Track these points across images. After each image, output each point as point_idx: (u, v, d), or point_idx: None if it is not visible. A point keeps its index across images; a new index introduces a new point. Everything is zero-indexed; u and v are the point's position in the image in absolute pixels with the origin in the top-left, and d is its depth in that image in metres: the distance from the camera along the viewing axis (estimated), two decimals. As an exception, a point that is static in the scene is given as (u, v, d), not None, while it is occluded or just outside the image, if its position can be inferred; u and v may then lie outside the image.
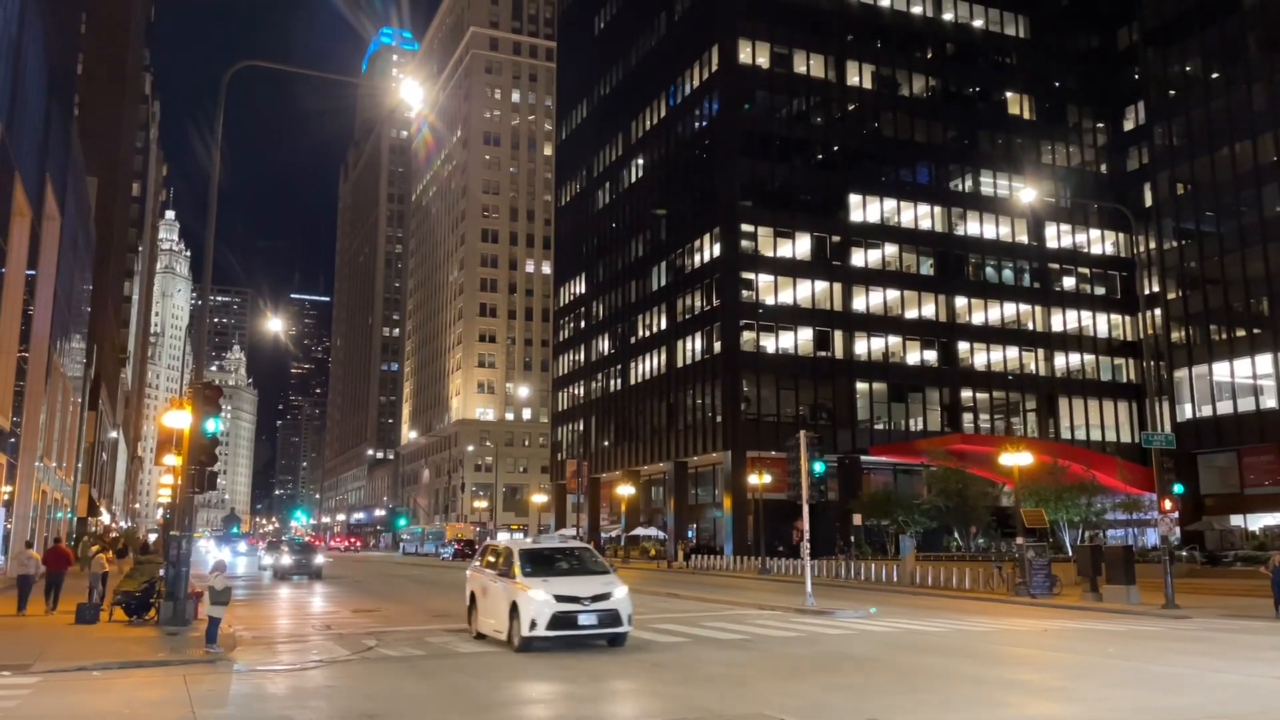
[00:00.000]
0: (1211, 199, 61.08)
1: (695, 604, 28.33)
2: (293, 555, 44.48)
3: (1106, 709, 11.49)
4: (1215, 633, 20.74)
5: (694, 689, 12.70)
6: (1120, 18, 75.33)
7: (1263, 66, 57.63)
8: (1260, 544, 47.12)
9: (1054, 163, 74.04)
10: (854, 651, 17.08)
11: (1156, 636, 19.95)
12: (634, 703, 11.84)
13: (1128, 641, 19.07)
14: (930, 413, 66.64)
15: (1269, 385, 55.66)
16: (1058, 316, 71.73)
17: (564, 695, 12.60)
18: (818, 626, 21.48)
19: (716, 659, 15.88)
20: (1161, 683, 13.63)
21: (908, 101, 70.15)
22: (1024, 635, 20.61)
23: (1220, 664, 15.46)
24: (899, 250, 67.87)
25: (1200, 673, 14.60)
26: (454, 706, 12.27)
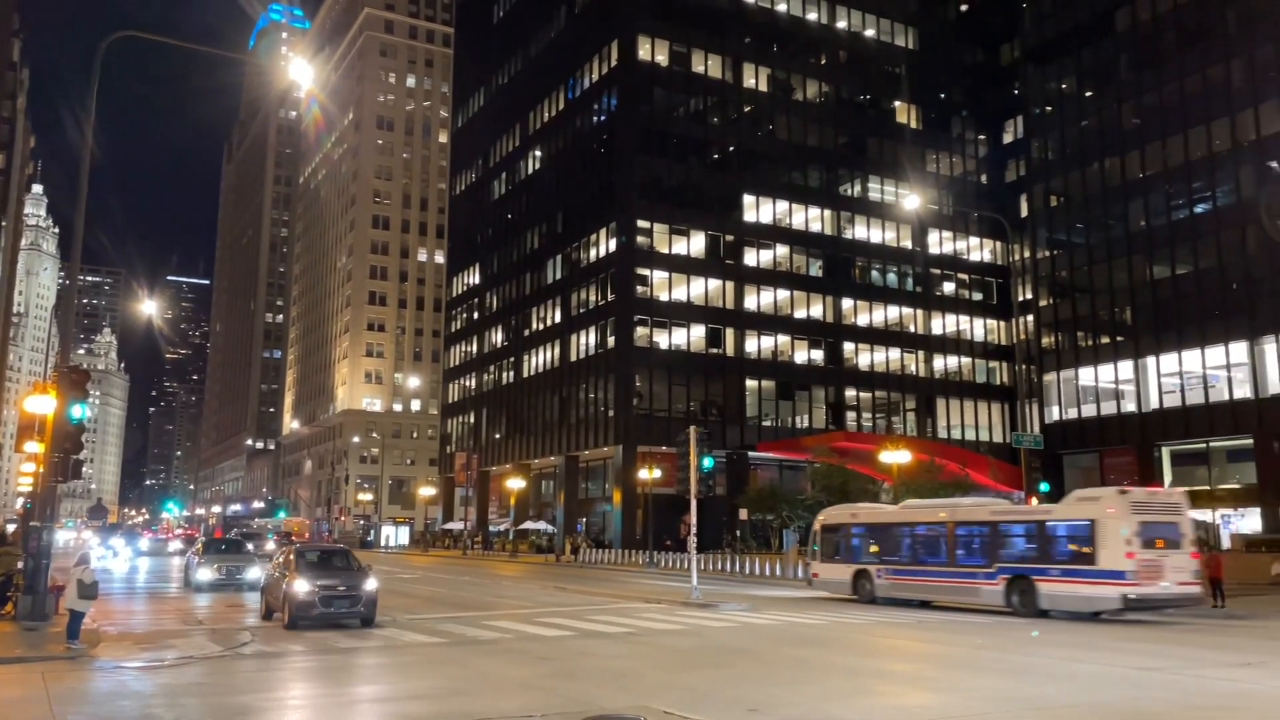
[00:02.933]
0: (1082, 211, 64.24)
1: (582, 598, 28.38)
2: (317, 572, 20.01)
3: (972, 698, 12.00)
4: (1074, 624, 21.86)
5: (578, 682, 12.73)
6: (1004, 34, 78.43)
7: (1132, 87, 60.85)
8: (1118, 540, 49.76)
9: (938, 171, 76.66)
10: (737, 644, 17.39)
11: (1021, 626, 20.91)
12: (519, 697, 11.79)
13: (996, 633, 19.95)
14: (816, 410, 68.25)
15: (1129, 390, 58.89)
16: (938, 320, 74.36)
17: (448, 690, 12.47)
18: (703, 620, 21.78)
19: (601, 652, 15.95)
20: (1025, 672, 14.31)
21: (801, 106, 71.59)
22: (899, 627, 21.33)
23: (1081, 654, 16.31)
24: (790, 251, 69.24)
25: (1062, 663, 15.38)
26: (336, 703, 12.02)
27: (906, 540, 26.83)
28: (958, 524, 25.66)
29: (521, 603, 26.34)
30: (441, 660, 15.36)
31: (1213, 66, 55.87)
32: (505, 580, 37.95)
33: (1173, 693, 12.36)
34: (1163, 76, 58.64)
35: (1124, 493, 23.22)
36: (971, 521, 25.55)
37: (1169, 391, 56.88)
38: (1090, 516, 22.49)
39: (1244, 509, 52.83)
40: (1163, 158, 58.28)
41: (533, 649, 16.41)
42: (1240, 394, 52.97)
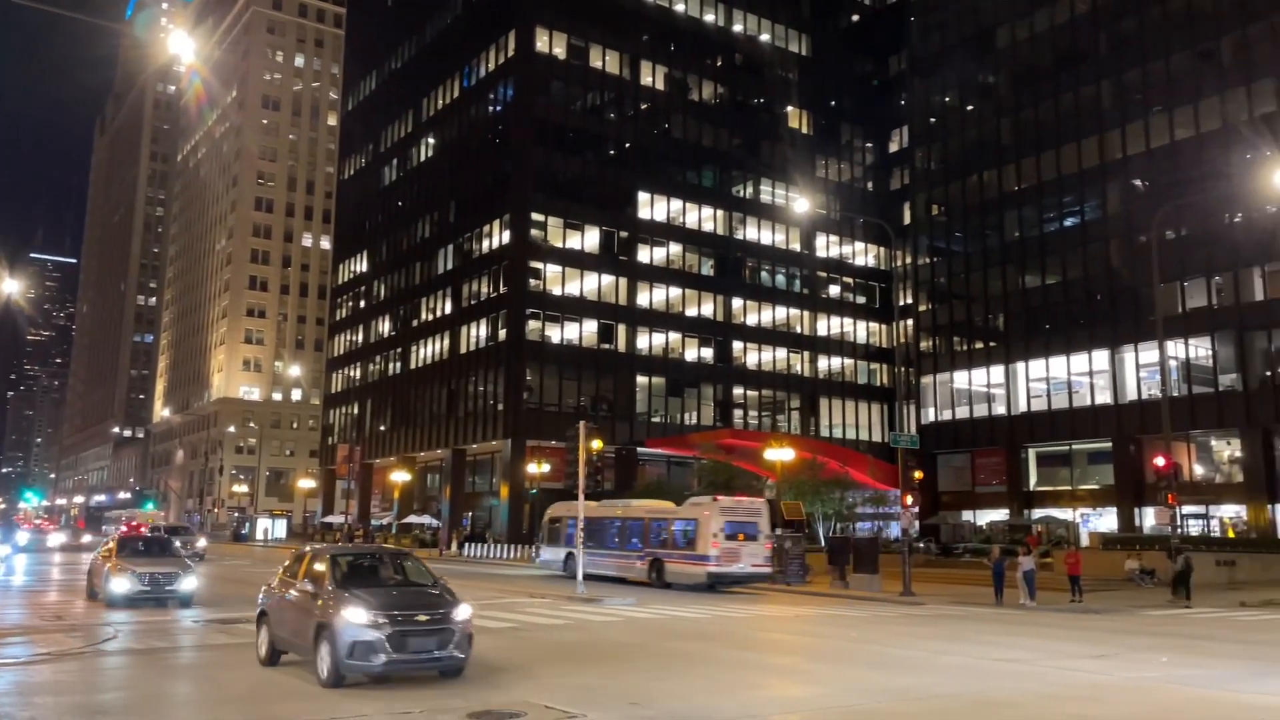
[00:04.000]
0: (961, 221, 66.86)
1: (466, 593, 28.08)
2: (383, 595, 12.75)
3: (846, 689, 12.39)
4: (945, 618, 22.79)
5: (462, 678, 12.60)
6: (892, 46, 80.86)
7: (1010, 103, 63.62)
8: (986, 538, 52.09)
9: (827, 177, 78.57)
10: (621, 638, 17.51)
11: (894, 621, 21.68)
12: (399, 694, 11.60)
13: (869, 626, 20.62)
14: (705, 408, 69.13)
15: (999, 394, 61.63)
16: (823, 322, 76.24)
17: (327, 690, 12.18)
18: (588, 614, 21.85)
19: (485, 647, 15.84)
20: (896, 664, 14.84)
21: (697, 106, 72.34)
22: (779, 621, 21.84)
23: (948, 646, 17.01)
24: (683, 250, 69.91)
25: (930, 655, 16.01)
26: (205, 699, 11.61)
27: (597, 530, 34.07)
28: (626, 519, 34.16)
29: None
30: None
31: (1085, 87, 58.87)
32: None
33: (1033, 683, 13.02)
34: (1038, 94, 61.47)
35: (716, 500, 31.32)
36: (632, 518, 33.95)
37: (1036, 396, 59.73)
38: (695, 517, 30.43)
39: (1102, 508, 55.91)
40: (1036, 172, 61.14)
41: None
42: (1101, 399, 56.00)
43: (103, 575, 22.27)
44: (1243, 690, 12.59)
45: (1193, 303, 51.99)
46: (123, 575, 21.54)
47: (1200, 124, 52.53)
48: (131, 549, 23.74)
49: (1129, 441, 53.63)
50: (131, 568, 21.78)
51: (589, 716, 10.23)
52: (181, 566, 22.42)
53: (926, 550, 49.94)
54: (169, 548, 24.93)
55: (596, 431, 28.75)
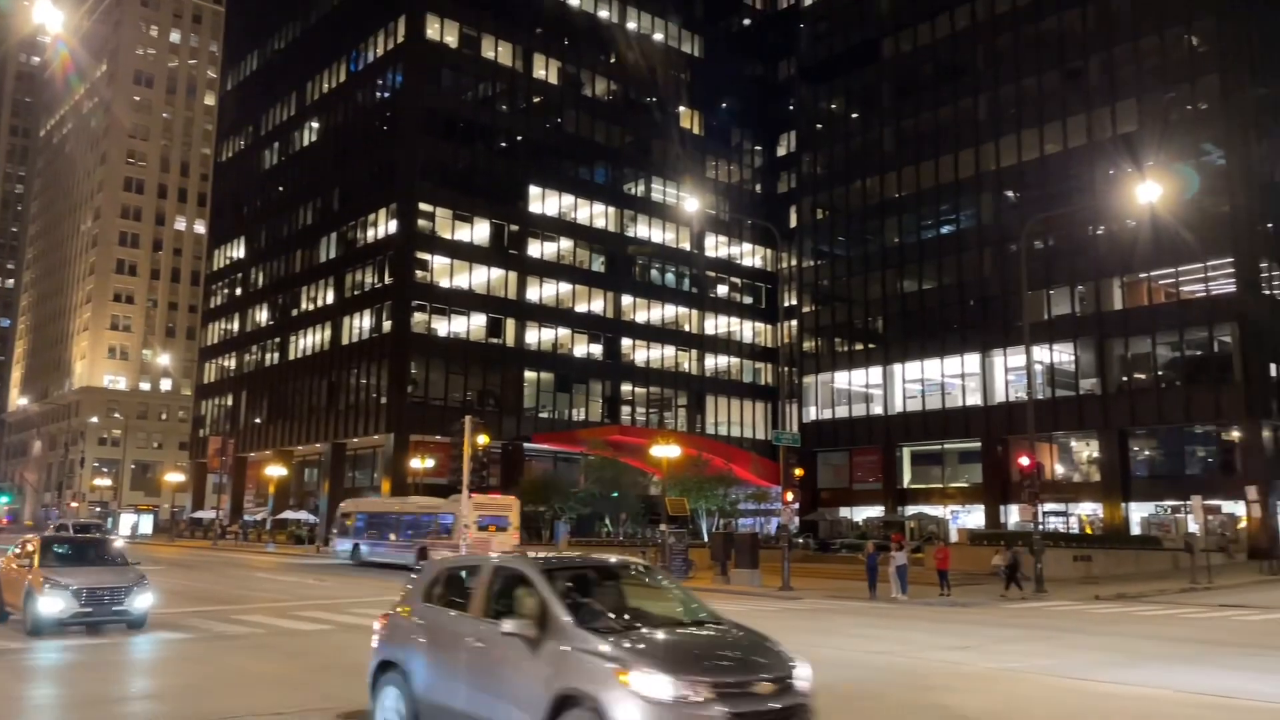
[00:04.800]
0: (844, 225, 68.71)
1: (344, 590, 27.41)
2: None
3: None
4: (821, 612, 23.38)
5: (337, 678, 12.29)
6: (782, 52, 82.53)
7: (893, 113, 65.67)
8: (862, 533, 53.72)
9: (716, 178, 79.62)
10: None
11: (773, 615, 22.12)
12: (272, 694, 11.23)
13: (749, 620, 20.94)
14: (593, 404, 69.21)
15: (877, 394, 63.60)
16: (711, 321, 77.27)
17: (193, 689, 11.69)
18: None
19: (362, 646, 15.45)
20: (773, 657, 15.11)
21: (590, 102, 72.29)
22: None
23: (822, 639, 17.44)
24: (574, 245, 69.79)
25: (806, 647, 16.32)
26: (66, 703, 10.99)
27: (378, 523, 40.21)
28: (403, 514, 40.02)
29: (278, 596, 25.09)
30: (186, 657, 14.41)
31: (963, 100, 61.21)
32: (260, 573, 36.03)
33: (900, 674, 13.47)
34: (920, 105, 63.64)
35: (472, 496, 34.34)
36: (407, 512, 39.91)
37: (912, 397, 61.86)
38: (454, 511, 35.65)
39: (971, 506, 58.31)
40: (916, 181, 63.30)
41: (288, 644, 15.68)
42: (972, 401, 58.38)
43: (22, 591, 16.36)
44: (1094, 679, 13.29)
45: (1058, 310, 54.66)
46: (54, 592, 15.78)
47: (1068, 140, 55.25)
48: (58, 554, 17.74)
49: (996, 442, 56.06)
50: (62, 579, 16.07)
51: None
52: (130, 577, 16.91)
53: (805, 546, 51.13)
54: (106, 551, 18.76)
55: (483, 427, 28.46)
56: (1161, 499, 50.97)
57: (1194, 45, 52.00)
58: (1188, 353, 50.99)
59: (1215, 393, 48.57)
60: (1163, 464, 52.58)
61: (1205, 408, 49.20)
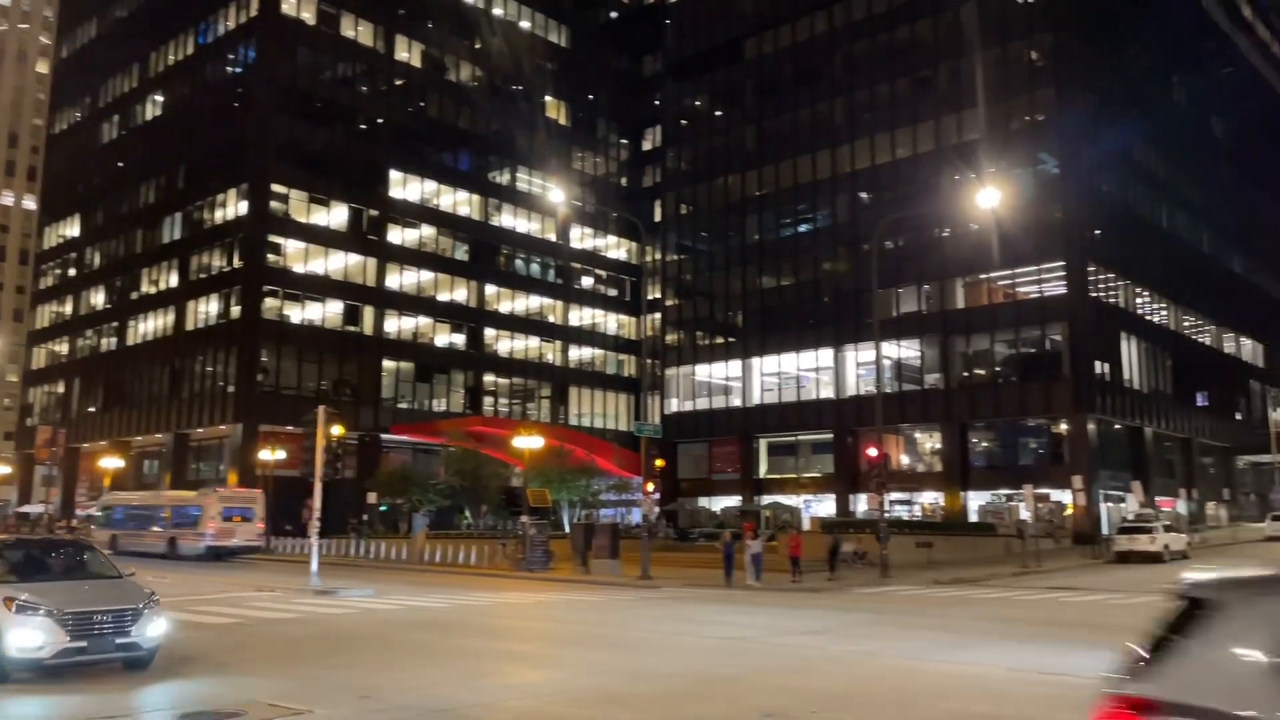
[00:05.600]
0: (707, 221, 69.86)
1: (185, 587, 26.17)
2: None
3: (582, 671, 12.64)
4: (679, 600, 23.76)
5: (173, 681, 11.72)
6: (648, 46, 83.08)
7: (755, 112, 67.12)
8: (720, 522, 54.79)
9: (582, 170, 79.59)
10: (354, 630, 16.95)
11: (632, 604, 22.36)
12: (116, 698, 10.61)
13: (608, 610, 21.13)
14: (454, 394, 68.16)
15: (736, 387, 65.02)
16: (575, 313, 77.27)
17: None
18: (320, 607, 20.98)
19: (204, 645, 14.83)
20: (632, 645, 15.31)
21: (454, 87, 71.01)
22: (520, 608, 21.94)
23: (680, 627, 17.74)
24: (436, 233, 68.47)
25: (664, 635, 16.64)
26: None
27: (136, 516, 43.13)
28: (157, 506, 42.71)
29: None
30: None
31: (820, 102, 63.10)
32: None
33: (753, 659, 13.84)
34: (780, 106, 65.29)
35: (217, 490, 40.32)
36: (161, 505, 42.75)
37: (769, 390, 63.51)
38: (201, 504, 39.34)
39: (823, 494, 60.34)
40: (776, 180, 64.92)
41: (122, 645, 14.83)
42: (825, 394, 60.40)
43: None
44: (932, 659, 13.99)
45: (906, 308, 57.10)
46: (27, 618, 11.10)
47: (918, 145, 57.72)
48: (17, 563, 12.74)
49: (847, 433, 58.21)
50: (39, 602, 11.26)
51: (315, 712, 9.81)
52: (134, 594, 12.15)
53: (665, 535, 51.85)
54: (81, 559, 13.61)
55: (338, 417, 27.60)
56: (997, 488, 53.97)
57: (1033, 59, 55.14)
58: (1022, 350, 54.15)
59: (1047, 388, 51.75)
60: (999, 455, 55.71)
61: (1037, 402, 52.37)
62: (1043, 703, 10.53)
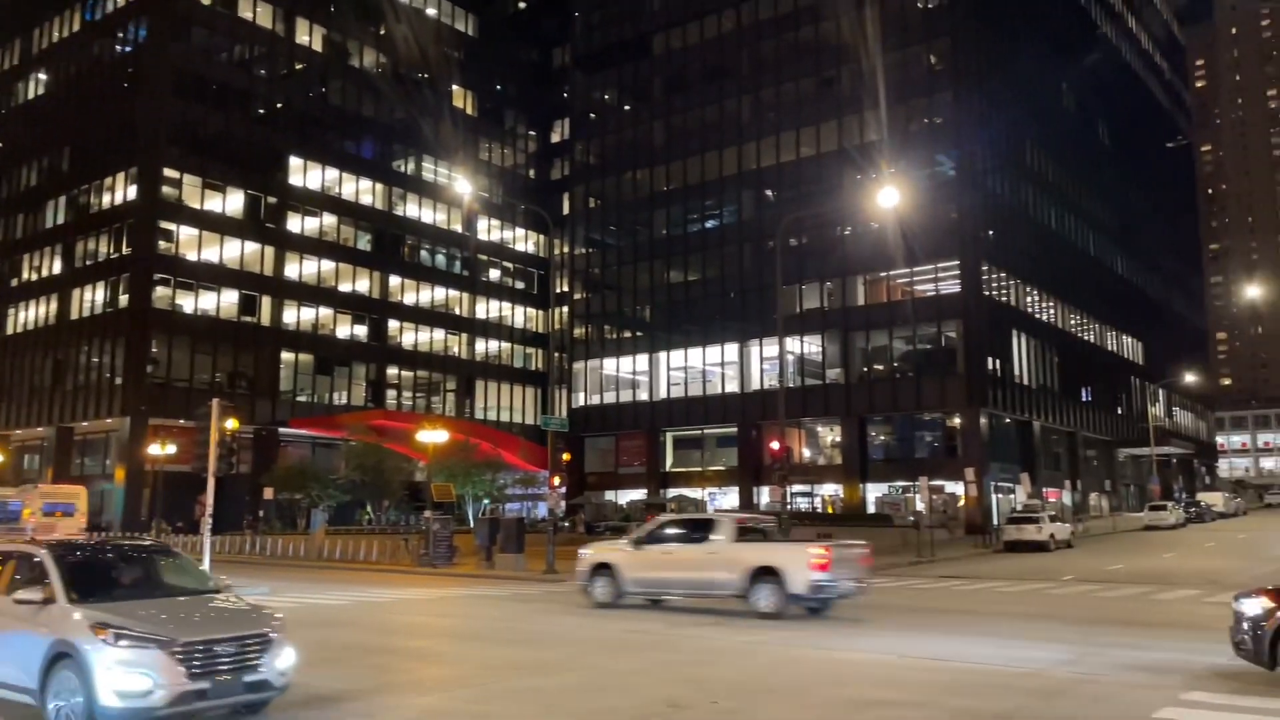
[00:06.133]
0: (615, 215, 69.95)
1: (69, 588, 25.05)
2: None
3: (483, 667, 12.55)
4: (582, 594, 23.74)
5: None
6: (557, 38, 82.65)
7: (663, 107, 67.42)
8: (626, 515, 55.11)
9: (490, 160, 78.79)
10: (250, 630, 16.47)
11: (535, 599, 22.29)
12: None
13: (511, 605, 21.03)
14: (356, 387, 66.77)
15: (644, 381, 65.33)
16: (482, 305, 76.49)
17: None
18: (213, 606, 20.31)
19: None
20: (534, 640, 15.27)
21: (358, 73, 69.44)
22: (422, 604, 21.66)
23: (581, 620, 17.76)
24: (338, 221, 66.91)
25: (568, 629, 16.63)
26: None
27: None
28: None
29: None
30: None
31: (728, 100, 63.76)
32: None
33: (660, 651, 13.94)
34: (689, 102, 65.76)
35: (36, 486, 39.88)
36: None
37: (676, 384, 64.01)
38: (22, 499, 39.26)
39: (727, 487, 61.12)
40: (684, 175, 65.37)
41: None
42: (730, 388, 61.16)
43: (41, 656, 8.63)
44: (834, 647, 14.32)
45: (809, 304, 58.21)
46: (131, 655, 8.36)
47: (821, 145, 58.83)
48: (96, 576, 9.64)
49: (752, 427, 59.06)
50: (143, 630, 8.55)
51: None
52: (253, 617, 9.64)
53: (571, 529, 51.87)
54: (163, 565, 10.49)
55: (233, 410, 26.72)
56: (894, 480, 55.50)
57: (932, 63, 56.74)
58: (919, 347, 55.76)
59: (942, 383, 53.42)
60: (896, 448, 57.30)
61: (933, 397, 54.02)
62: (934, 688, 10.88)
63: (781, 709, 9.97)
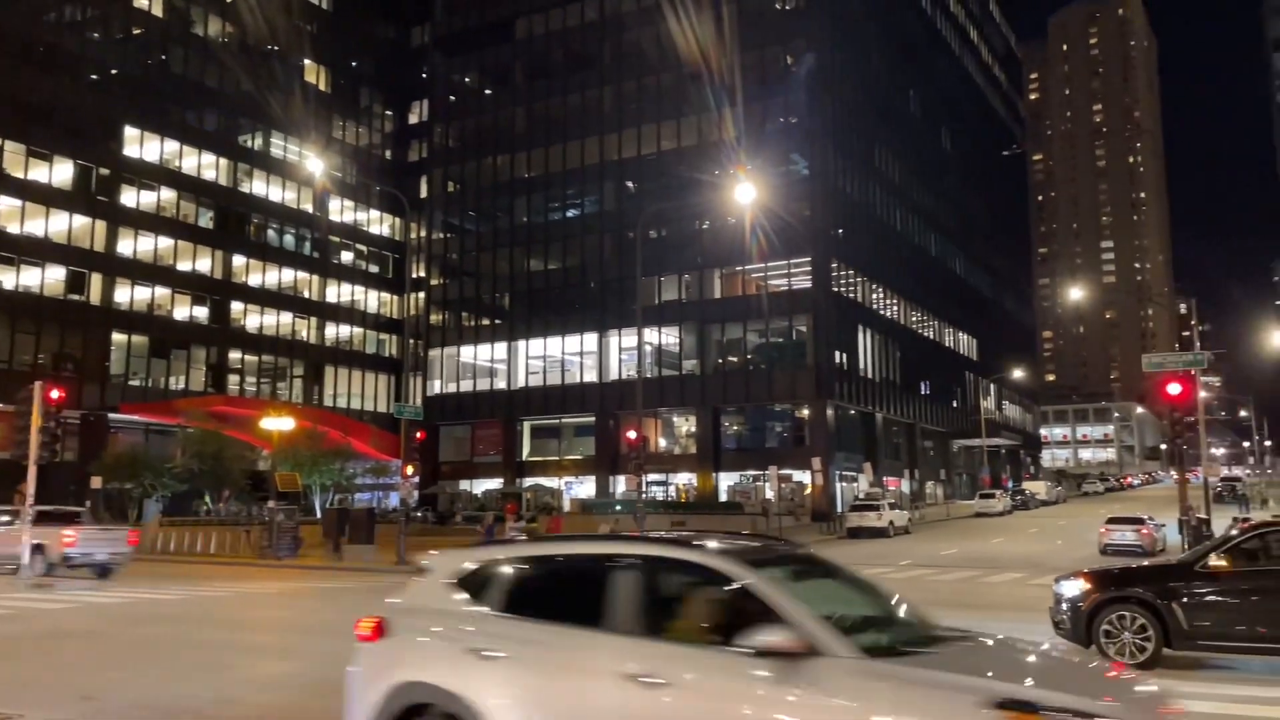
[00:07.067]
0: (475, 200, 68.96)
1: None
2: None
3: (331, 662, 12.17)
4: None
5: None
6: (416, 17, 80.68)
7: (526, 94, 66.83)
8: (481, 505, 54.57)
9: (344, 139, 76.26)
10: (78, 627, 15.53)
11: (385, 590, 21.75)
12: None
13: (360, 597, 20.51)
14: (195, 372, 63.57)
15: (501, 369, 64.79)
16: (333, 288, 74.03)
17: None
18: (35, 602, 19.04)
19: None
20: (384, 632, 14.92)
21: (202, 42, 65.94)
22: (265, 598, 20.90)
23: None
24: (178, 196, 63.43)
25: (418, 620, 16.33)
26: None
27: None
28: None
29: None
30: None
31: (590, 89, 63.77)
32: None
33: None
34: (551, 89, 65.43)
35: None
36: None
37: (534, 373, 63.78)
38: None
39: (584, 476, 61.39)
40: (546, 163, 65.06)
41: None
42: (589, 378, 61.37)
43: None
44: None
45: (667, 296, 58.97)
46: None
47: (682, 139, 59.61)
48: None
49: (609, 416, 59.45)
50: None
51: (27, 716, 8.91)
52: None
53: (424, 520, 51.00)
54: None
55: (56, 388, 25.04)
56: (746, 469, 56.97)
57: (788, 63, 58.30)
58: (772, 340, 57.36)
59: (792, 376, 55.13)
60: (748, 438, 58.81)
61: (784, 389, 55.69)
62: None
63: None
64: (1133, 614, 10.99)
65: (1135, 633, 10.95)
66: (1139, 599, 11.03)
